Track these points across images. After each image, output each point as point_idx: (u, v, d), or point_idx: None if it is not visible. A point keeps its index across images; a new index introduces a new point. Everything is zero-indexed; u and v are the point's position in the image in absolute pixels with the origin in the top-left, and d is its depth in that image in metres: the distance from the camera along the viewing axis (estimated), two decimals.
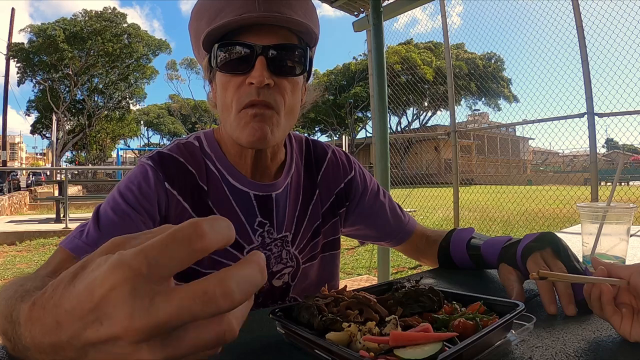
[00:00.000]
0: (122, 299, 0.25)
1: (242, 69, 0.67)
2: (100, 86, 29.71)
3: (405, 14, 5.16)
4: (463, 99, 22.62)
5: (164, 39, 31.25)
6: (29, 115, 30.52)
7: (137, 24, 29.40)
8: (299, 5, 0.70)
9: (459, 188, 4.93)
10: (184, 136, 0.83)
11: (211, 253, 0.26)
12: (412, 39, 20.53)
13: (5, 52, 21.71)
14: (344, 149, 1.16)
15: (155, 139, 40.01)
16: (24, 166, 36.93)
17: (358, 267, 4.71)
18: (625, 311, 0.50)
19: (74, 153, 33.55)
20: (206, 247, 0.25)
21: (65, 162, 32.02)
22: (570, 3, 3.82)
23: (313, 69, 0.77)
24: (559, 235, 0.69)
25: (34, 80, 28.11)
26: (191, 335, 0.26)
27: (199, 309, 0.24)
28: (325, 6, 3.31)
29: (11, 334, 0.34)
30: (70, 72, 27.28)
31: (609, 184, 5.97)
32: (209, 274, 0.25)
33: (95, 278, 0.26)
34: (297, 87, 0.72)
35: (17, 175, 18.88)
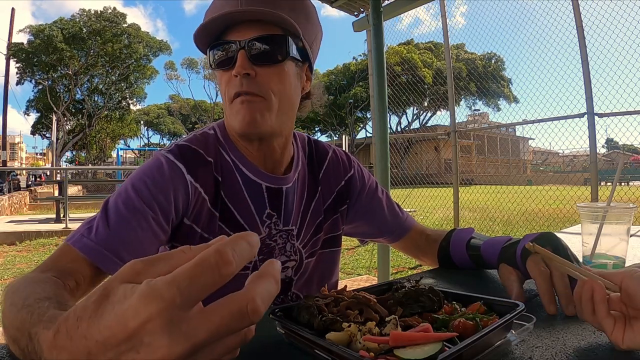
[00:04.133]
0: (160, 329, 0.26)
1: (228, 64, 0.71)
2: (100, 86, 29.67)
3: (408, 14, 5.17)
4: (463, 99, 22.62)
5: (164, 40, 31.36)
6: (28, 115, 30.56)
7: (137, 24, 29.38)
8: (285, 1, 0.72)
9: (459, 188, 4.93)
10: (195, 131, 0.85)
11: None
12: (412, 39, 20.52)
13: (5, 52, 21.73)
14: (344, 149, 1.17)
15: (155, 139, 40.10)
16: (24, 166, 36.90)
17: (358, 267, 4.71)
18: (617, 318, 0.47)
19: (74, 153, 33.56)
20: (232, 272, 0.28)
21: (65, 162, 32.01)
22: (570, 3, 3.82)
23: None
24: (559, 235, 0.69)
25: (33, 80, 28.11)
26: (220, 344, 0.30)
27: (236, 325, 0.28)
28: (326, 6, 3.30)
29: (25, 344, 0.35)
30: (70, 72, 27.24)
31: (609, 184, 5.97)
32: (237, 292, 0.29)
33: (126, 310, 0.26)
34: (286, 75, 0.73)
35: (17, 175, 18.84)
